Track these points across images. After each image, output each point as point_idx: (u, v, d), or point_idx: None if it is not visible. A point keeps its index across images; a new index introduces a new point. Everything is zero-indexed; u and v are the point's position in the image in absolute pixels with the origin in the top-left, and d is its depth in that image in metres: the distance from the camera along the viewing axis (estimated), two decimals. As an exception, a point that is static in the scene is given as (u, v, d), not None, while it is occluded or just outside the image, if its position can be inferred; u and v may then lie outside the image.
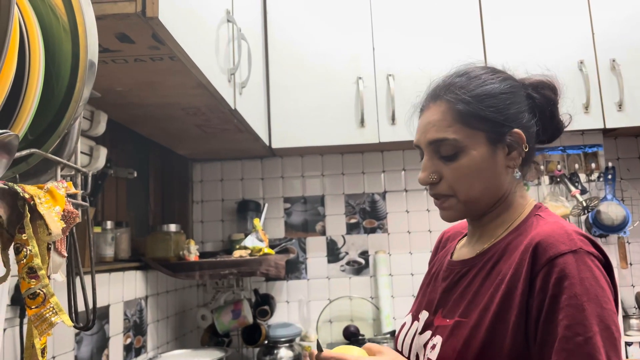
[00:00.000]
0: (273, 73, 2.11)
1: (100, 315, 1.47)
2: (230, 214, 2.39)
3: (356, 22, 2.12)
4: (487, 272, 0.85)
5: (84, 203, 0.78)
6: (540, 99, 0.92)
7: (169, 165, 2.26)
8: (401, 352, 0.98)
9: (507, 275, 0.80)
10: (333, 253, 2.35)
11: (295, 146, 2.08)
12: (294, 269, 2.34)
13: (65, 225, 0.69)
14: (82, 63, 0.71)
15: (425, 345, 0.89)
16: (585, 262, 0.74)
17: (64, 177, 0.78)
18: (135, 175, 1.85)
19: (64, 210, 0.68)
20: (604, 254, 0.78)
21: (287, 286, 2.33)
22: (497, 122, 0.86)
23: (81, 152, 1.26)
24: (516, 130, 0.87)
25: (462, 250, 0.99)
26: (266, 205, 2.27)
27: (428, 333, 0.91)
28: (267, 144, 2.05)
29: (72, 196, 0.77)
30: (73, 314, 0.78)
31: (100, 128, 1.32)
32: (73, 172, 0.78)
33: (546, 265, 0.75)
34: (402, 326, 1.03)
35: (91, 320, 0.79)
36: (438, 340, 0.86)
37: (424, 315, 0.95)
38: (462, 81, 0.91)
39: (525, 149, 0.88)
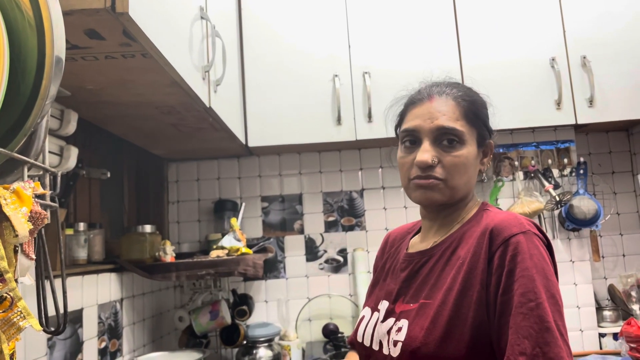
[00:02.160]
0: (248, 71, 2.09)
1: (74, 319, 1.44)
2: (207, 214, 2.36)
3: (332, 20, 2.12)
4: (447, 259, 0.93)
5: (52, 204, 0.76)
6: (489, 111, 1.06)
7: (143, 165, 2.23)
8: (362, 343, 1.03)
9: (467, 258, 0.89)
10: (311, 251, 2.34)
11: (272, 144, 2.07)
12: (272, 268, 2.32)
13: (32, 227, 0.67)
14: (48, 59, 0.69)
15: (389, 331, 0.95)
16: (533, 241, 0.84)
17: (31, 177, 0.76)
18: (109, 175, 1.81)
19: (31, 212, 0.66)
20: (546, 237, 0.89)
21: (266, 285, 2.32)
22: (484, 129, 1.00)
23: (51, 152, 1.23)
24: (490, 141, 1.02)
25: (418, 244, 1.06)
26: (243, 204, 2.25)
27: (391, 320, 0.97)
28: (244, 142, 2.04)
29: (40, 197, 0.74)
30: (43, 318, 0.76)
31: (71, 127, 1.28)
32: (41, 172, 0.76)
33: (502, 245, 0.85)
34: (361, 319, 1.08)
35: (62, 325, 0.76)
36: (404, 323, 0.92)
37: (384, 304, 1.01)
38: (460, 87, 1.02)
39: (490, 160, 1.03)
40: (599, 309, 2.21)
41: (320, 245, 2.34)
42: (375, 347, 0.98)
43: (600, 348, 2.14)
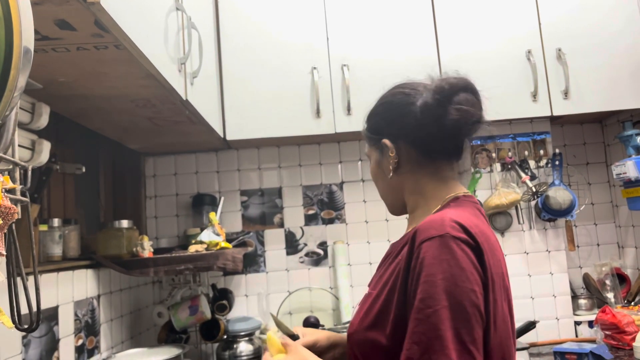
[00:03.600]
0: (226, 63, 2.07)
1: (49, 316, 1.41)
2: (185, 208, 2.33)
3: (310, 11, 2.10)
4: (395, 255, 0.96)
5: (23, 198, 0.74)
6: (421, 104, 0.98)
7: (120, 159, 2.19)
8: None
9: (401, 257, 0.92)
10: (292, 245, 2.34)
11: (251, 138, 2.05)
12: (252, 262, 2.31)
13: (2, 222, 0.65)
14: (16, 49, 0.66)
15: None
16: (448, 245, 0.82)
17: (0, 171, 0.74)
18: (84, 170, 1.78)
19: (0, 206, 0.64)
20: (474, 239, 0.84)
21: (246, 280, 2.31)
22: (375, 137, 1.05)
23: (22, 146, 1.20)
24: (384, 140, 1.02)
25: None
26: (222, 198, 2.23)
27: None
28: (222, 135, 2.02)
29: (10, 191, 0.72)
30: (15, 316, 0.74)
31: (43, 121, 1.25)
32: (11, 167, 0.74)
33: (418, 247, 0.85)
34: None
35: (35, 322, 0.75)
36: (357, 308, 1.01)
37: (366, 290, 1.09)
38: (373, 107, 1.09)
39: (392, 153, 1.01)
40: (575, 297, 2.25)
41: (301, 238, 2.34)
42: None
43: (576, 336, 2.18)
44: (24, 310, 0.80)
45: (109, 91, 1.37)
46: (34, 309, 0.76)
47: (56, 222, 1.57)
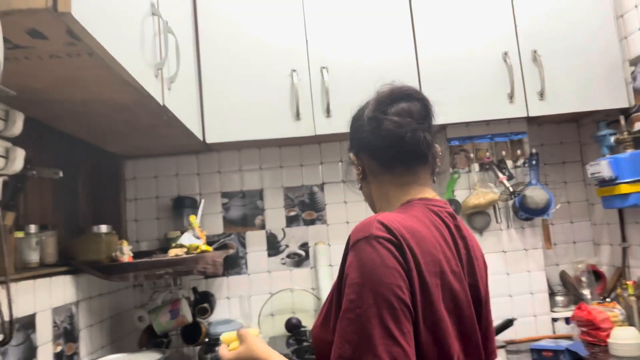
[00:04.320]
0: (205, 67, 2.06)
1: (26, 324, 1.40)
2: (166, 211, 2.32)
3: (289, 14, 2.11)
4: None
5: (-6, 212, 0.73)
6: (365, 117, 1.04)
7: (98, 163, 2.17)
8: None
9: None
10: (273, 246, 2.34)
11: (230, 141, 2.05)
12: (234, 264, 2.31)
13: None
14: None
15: None
16: (373, 245, 0.86)
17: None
18: (61, 175, 1.76)
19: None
20: (396, 237, 0.87)
21: (228, 282, 2.31)
22: (349, 150, 1.11)
23: (-4, 155, 1.19)
24: (350, 154, 1.10)
25: None
26: (202, 201, 2.23)
27: None
28: (202, 139, 2.01)
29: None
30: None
31: (17, 128, 1.24)
32: (-20, 180, 0.73)
33: (349, 251, 0.89)
34: None
35: (8, 334, 0.74)
36: None
37: None
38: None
39: (355, 164, 1.09)
40: (552, 294, 2.29)
41: (282, 240, 2.35)
42: None
43: (554, 332, 2.23)
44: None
45: (84, 96, 1.36)
46: (6, 319, 0.75)
47: (33, 228, 1.55)
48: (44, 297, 1.52)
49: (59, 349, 1.56)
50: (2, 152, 1.20)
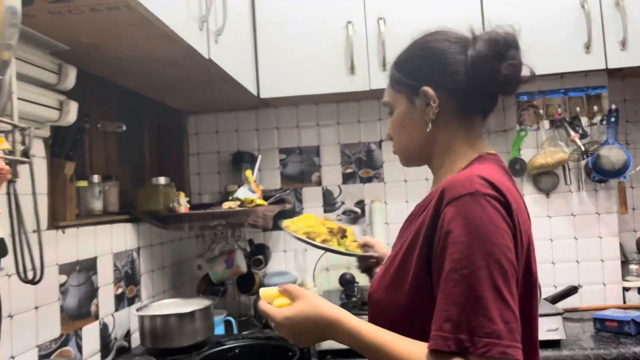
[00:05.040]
0: (260, 21, 2.04)
1: (88, 266, 1.51)
2: (226, 165, 2.39)
3: (346, -37, 2.02)
4: (418, 215, 0.94)
5: (23, 159, 0.78)
6: (473, 54, 0.93)
7: (163, 118, 2.26)
8: None
9: (424, 215, 0.89)
10: (329, 203, 2.35)
11: (284, 96, 2.05)
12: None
13: (-5, 182, 0.69)
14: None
15: None
16: (480, 203, 0.80)
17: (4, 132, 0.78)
18: (124, 129, 1.85)
19: (-8, 167, 0.68)
20: (504, 196, 0.82)
21: (284, 236, 2.35)
22: (411, 84, 0.98)
23: (50, 107, 1.26)
24: (425, 88, 0.95)
25: None
26: (259, 156, 2.26)
27: None
28: (256, 94, 2.02)
29: (11, 153, 0.76)
30: (20, 268, 0.80)
31: (69, 82, 1.30)
32: (10, 128, 0.78)
33: (447, 206, 0.82)
34: None
35: (39, 275, 0.80)
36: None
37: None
38: (402, 51, 1.04)
39: (434, 103, 0.94)
40: (625, 262, 2.13)
41: (338, 197, 2.34)
42: None
43: (624, 302, 2.08)
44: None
45: (132, 52, 1.39)
46: (38, 263, 0.81)
47: (96, 178, 1.66)
48: (106, 243, 1.62)
49: (119, 290, 1.68)
50: (56, 105, 1.27)
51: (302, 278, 2.25)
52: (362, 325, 0.85)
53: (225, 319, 1.92)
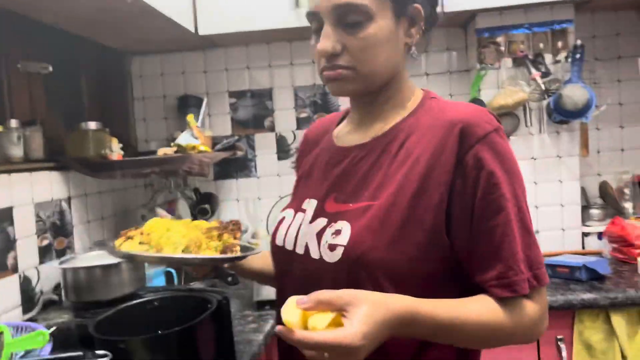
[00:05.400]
0: (196, -52, 1.87)
1: (1, 217, 1.41)
2: (173, 110, 2.26)
3: None
4: (394, 154, 0.83)
5: None
6: None
7: (102, 59, 2.10)
8: (282, 247, 0.92)
9: (424, 155, 0.79)
10: (283, 149, 2.24)
11: (224, 32, 1.89)
12: (242, 167, 2.24)
13: None
14: None
15: (320, 233, 0.84)
16: (504, 138, 0.79)
17: None
18: (51, 70, 1.71)
19: None
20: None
21: (237, 185, 2.26)
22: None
23: None
24: (417, 5, 0.83)
25: (351, 136, 0.92)
26: (205, 100, 2.12)
27: (322, 220, 0.86)
28: (194, 30, 1.87)
29: None
30: None
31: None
32: None
33: (476, 144, 0.76)
34: (281, 221, 0.96)
35: None
36: (343, 224, 0.81)
37: (312, 203, 0.90)
38: None
39: (422, 26, 0.85)
40: (586, 207, 2.06)
41: (292, 143, 2.23)
42: (300, 250, 0.87)
43: (583, 248, 2.02)
44: None
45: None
46: None
47: (14, 123, 1.53)
48: (24, 192, 1.51)
49: (45, 242, 1.58)
50: None
51: (254, 228, 2.17)
52: (435, 306, 0.71)
53: (166, 270, 1.85)
